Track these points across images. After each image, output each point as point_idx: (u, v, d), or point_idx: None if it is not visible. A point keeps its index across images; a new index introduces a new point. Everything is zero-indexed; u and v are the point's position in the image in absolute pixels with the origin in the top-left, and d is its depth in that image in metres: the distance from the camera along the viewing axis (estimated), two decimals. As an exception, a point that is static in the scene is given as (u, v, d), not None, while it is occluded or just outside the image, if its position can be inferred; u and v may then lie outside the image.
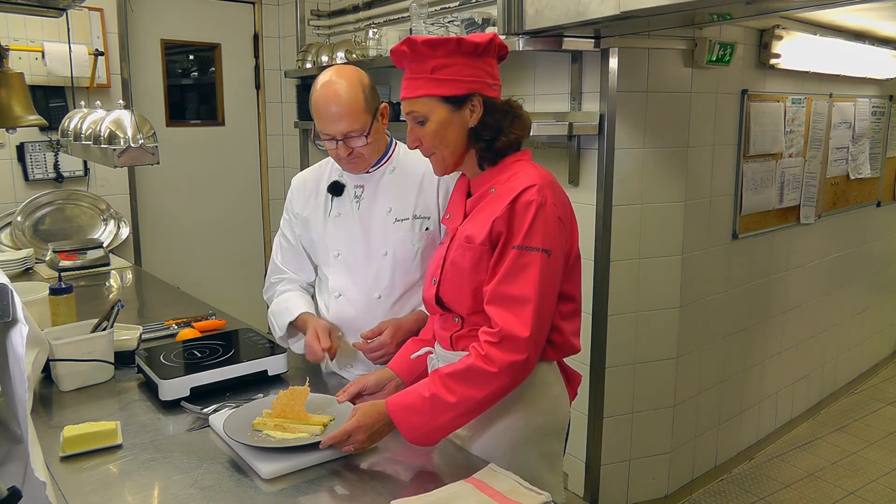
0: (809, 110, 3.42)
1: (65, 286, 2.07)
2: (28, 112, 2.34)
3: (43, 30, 3.21)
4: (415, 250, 1.78)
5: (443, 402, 1.34)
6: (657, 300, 2.81)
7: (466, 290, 1.45)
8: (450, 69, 1.42)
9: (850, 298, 4.14)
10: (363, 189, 1.82)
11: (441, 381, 1.36)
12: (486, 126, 1.45)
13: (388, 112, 1.78)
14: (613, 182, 2.63)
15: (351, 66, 1.73)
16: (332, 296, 1.84)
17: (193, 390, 1.66)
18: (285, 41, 4.25)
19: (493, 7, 2.71)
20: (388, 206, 1.79)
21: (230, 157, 4.23)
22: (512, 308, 1.35)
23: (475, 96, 1.44)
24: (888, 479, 3.29)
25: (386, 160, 1.83)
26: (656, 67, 2.64)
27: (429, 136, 1.46)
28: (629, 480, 2.91)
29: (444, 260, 1.51)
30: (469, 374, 1.34)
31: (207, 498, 1.25)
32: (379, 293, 1.79)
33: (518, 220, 1.37)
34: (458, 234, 1.49)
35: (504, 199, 1.40)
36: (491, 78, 1.46)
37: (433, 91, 1.43)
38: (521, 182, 1.41)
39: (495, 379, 1.33)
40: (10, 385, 1.12)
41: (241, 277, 4.34)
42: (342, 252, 1.83)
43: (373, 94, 1.71)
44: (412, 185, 1.80)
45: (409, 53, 1.43)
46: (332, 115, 1.66)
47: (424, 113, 1.44)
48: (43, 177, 3.39)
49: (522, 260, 1.36)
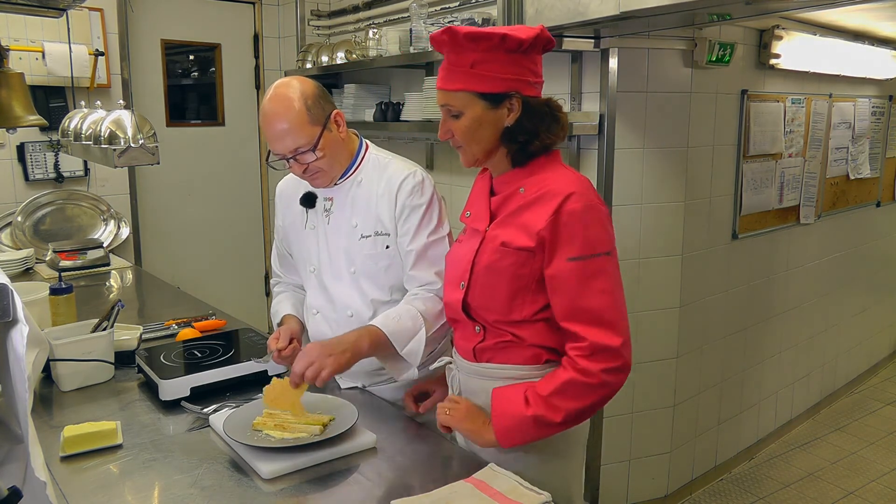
0: (809, 110, 3.42)
1: (65, 286, 2.07)
2: (28, 112, 2.34)
3: (43, 30, 3.21)
4: (379, 269, 1.70)
5: (548, 421, 1.34)
6: (657, 300, 2.81)
7: (501, 295, 1.41)
8: (490, 65, 1.35)
9: (850, 298, 4.14)
10: (332, 202, 1.73)
11: (545, 403, 1.34)
12: (522, 128, 1.39)
13: (343, 119, 1.68)
14: (613, 182, 2.63)
15: (294, 78, 1.63)
16: (310, 312, 1.81)
17: (193, 390, 1.66)
18: (285, 41, 4.25)
19: (493, 7, 2.71)
20: (355, 221, 1.70)
21: (230, 157, 4.23)
22: (595, 321, 1.33)
23: (514, 96, 1.38)
24: (888, 479, 3.29)
25: (354, 170, 1.72)
26: (656, 67, 2.64)
27: (461, 130, 1.41)
28: (629, 480, 2.91)
29: (473, 264, 1.45)
30: (569, 388, 1.33)
31: (207, 498, 1.25)
32: (351, 312, 1.72)
33: (569, 230, 1.33)
34: (490, 238, 1.44)
35: (543, 207, 1.36)
36: (533, 76, 1.40)
37: (471, 86, 1.37)
38: (558, 188, 1.36)
39: (597, 389, 1.33)
40: (10, 385, 1.12)
41: (241, 277, 4.34)
42: (316, 268, 1.77)
43: (318, 104, 1.60)
44: (374, 198, 1.69)
45: (448, 42, 1.37)
46: (276, 133, 1.58)
47: (460, 107, 1.39)
48: (43, 177, 3.39)
49: (589, 270, 1.33)
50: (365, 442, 1.44)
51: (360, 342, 1.51)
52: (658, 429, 2.93)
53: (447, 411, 1.44)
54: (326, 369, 1.44)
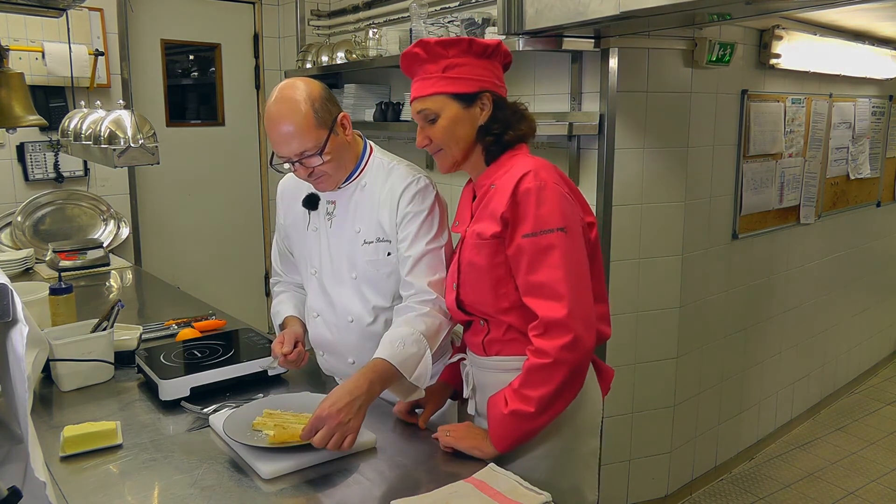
0: (809, 110, 3.42)
1: (65, 286, 2.07)
2: (28, 112, 2.34)
3: (43, 30, 3.21)
4: (381, 275, 1.67)
5: (523, 413, 1.36)
6: (657, 300, 2.81)
7: (486, 287, 1.46)
8: (461, 68, 1.45)
9: (850, 298, 4.14)
10: (335, 206, 1.72)
11: (515, 395, 1.37)
12: (496, 121, 1.48)
13: (349, 121, 1.65)
14: (613, 182, 2.63)
15: (300, 79, 1.60)
16: (311, 315, 1.81)
17: (193, 390, 1.66)
18: (285, 41, 4.25)
19: (493, 7, 2.71)
20: (358, 226, 1.68)
21: (230, 157, 4.23)
22: (544, 294, 1.36)
23: (485, 93, 1.47)
24: (888, 479, 3.29)
25: (358, 174, 1.70)
26: (656, 67, 2.64)
27: (439, 132, 1.47)
28: (629, 480, 2.91)
29: (458, 263, 1.51)
30: (531, 376, 1.36)
31: (207, 498, 1.25)
32: (351, 317, 1.71)
33: (523, 208, 1.39)
34: (468, 235, 1.50)
35: (505, 192, 1.41)
36: (499, 80, 1.51)
37: (445, 88, 1.45)
38: (517, 172, 1.43)
39: (554, 369, 1.34)
40: (10, 385, 1.13)
41: (241, 277, 4.34)
42: (318, 270, 1.76)
43: (325, 107, 1.57)
44: (377, 203, 1.67)
45: (422, 55, 1.46)
46: (282, 136, 1.55)
47: (436, 110, 1.46)
48: (43, 177, 3.39)
49: (541, 245, 1.37)
50: (365, 442, 1.44)
51: (373, 388, 1.43)
52: (658, 429, 2.93)
53: (448, 433, 1.46)
54: (349, 436, 1.37)
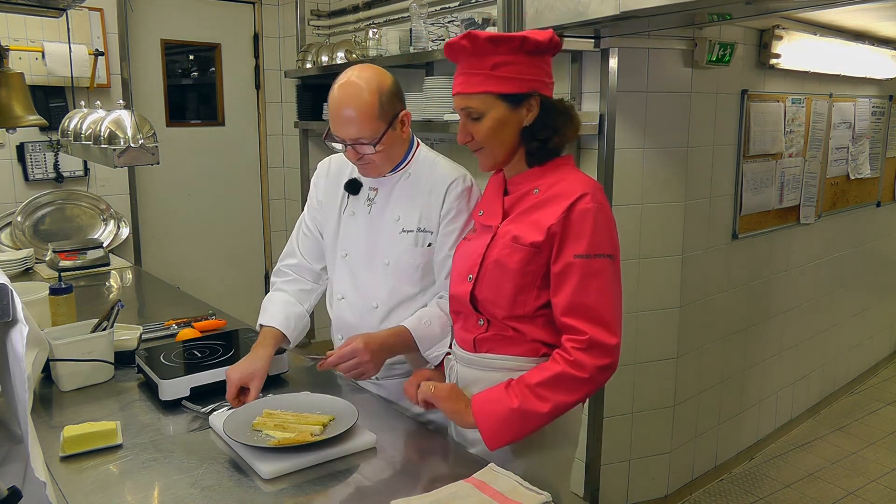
0: (809, 110, 3.42)
1: (65, 286, 2.07)
2: (28, 112, 2.34)
3: (43, 30, 3.21)
4: (415, 265, 1.69)
5: (535, 413, 1.35)
6: (657, 300, 2.81)
7: (507, 290, 1.44)
8: (511, 67, 1.40)
9: (850, 298, 4.14)
10: (377, 193, 1.74)
11: (532, 392, 1.36)
12: (543, 125, 1.44)
13: (410, 119, 1.67)
14: (613, 182, 2.63)
15: (375, 67, 1.62)
16: (335, 297, 1.82)
17: (193, 390, 1.66)
18: (285, 41, 4.25)
19: (493, 7, 2.71)
20: (398, 214, 1.70)
21: (230, 157, 4.23)
22: (589, 316, 1.36)
23: (534, 95, 1.43)
24: (888, 479, 3.29)
25: (404, 165, 1.72)
26: (656, 67, 2.64)
27: (483, 132, 1.44)
28: (629, 480, 2.91)
29: (483, 258, 1.48)
30: (560, 381, 1.35)
31: (207, 498, 1.25)
32: (377, 302, 1.73)
33: (578, 228, 1.38)
34: (502, 234, 1.47)
35: (556, 205, 1.39)
36: (548, 77, 1.46)
37: (493, 88, 1.41)
38: (572, 188, 1.40)
39: (586, 384, 1.36)
40: (10, 385, 1.13)
41: (241, 277, 4.34)
42: (349, 253, 1.77)
43: (391, 101, 1.59)
44: (421, 194, 1.69)
45: (469, 48, 1.41)
46: (343, 118, 1.57)
47: (481, 110, 1.43)
48: (43, 177, 3.39)
49: (593, 267, 1.37)
50: (365, 442, 1.44)
51: (396, 348, 1.63)
52: (658, 429, 2.93)
53: (433, 388, 1.46)
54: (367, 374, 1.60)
